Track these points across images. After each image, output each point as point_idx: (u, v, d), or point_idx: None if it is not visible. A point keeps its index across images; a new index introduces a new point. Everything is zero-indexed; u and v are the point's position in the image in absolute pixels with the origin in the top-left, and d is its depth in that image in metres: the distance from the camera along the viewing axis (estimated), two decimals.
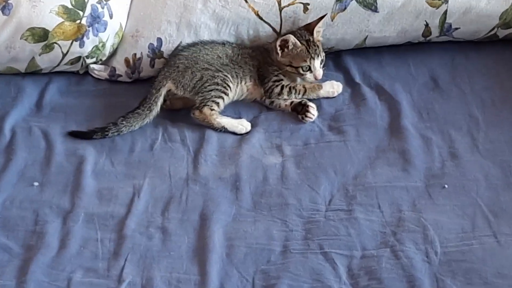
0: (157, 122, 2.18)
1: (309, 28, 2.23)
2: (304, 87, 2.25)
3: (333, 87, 2.27)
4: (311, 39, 2.21)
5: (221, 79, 2.19)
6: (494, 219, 1.88)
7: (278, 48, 2.22)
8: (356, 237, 1.86)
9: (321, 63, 2.22)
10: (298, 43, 2.20)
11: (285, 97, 2.24)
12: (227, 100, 2.22)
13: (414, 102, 2.22)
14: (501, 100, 2.20)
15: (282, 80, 2.24)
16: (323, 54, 2.23)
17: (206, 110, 2.17)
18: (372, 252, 1.82)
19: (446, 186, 1.96)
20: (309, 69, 2.21)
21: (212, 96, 2.18)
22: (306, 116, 2.18)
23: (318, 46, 2.22)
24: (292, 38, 2.19)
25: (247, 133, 2.18)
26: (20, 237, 1.90)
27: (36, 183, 2.03)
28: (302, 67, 2.20)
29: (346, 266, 1.80)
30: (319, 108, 2.23)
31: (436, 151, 2.07)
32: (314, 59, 2.19)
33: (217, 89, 2.19)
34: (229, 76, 2.21)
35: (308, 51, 2.20)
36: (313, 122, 2.18)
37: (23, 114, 2.23)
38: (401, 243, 1.83)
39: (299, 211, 1.94)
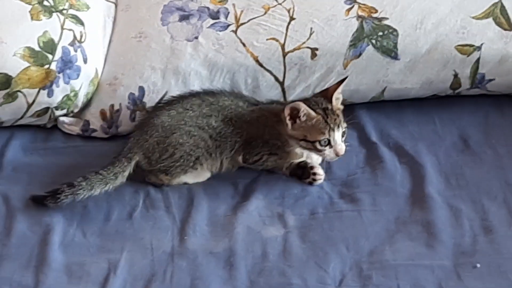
0: (137, 185, 2.18)
1: (327, 94, 2.18)
2: (289, 154, 2.25)
3: (313, 155, 2.24)
4: (329, 107, 2.16)
5: (193, 159, 2.20)
6: None
7: (288, 118, 2.15)
8: None
9: (342, 136, 2.17)
10: (313, 112, 2.14)
11: (266, 166, 2.25)
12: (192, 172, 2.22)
13: (441, 166, 2.22)
14: None
15: (276, 150, 2.23)
16: (344, 125, 2.18)
17: (163, 176, 2.19)
18: None
19: (478, 265, 1.96)
20: (329, 143, 2.16)
21: (176, 169, 2.19)
22: (314, 180, 2.17)
23: (338, 115, 2.16)
24: (303, 107, 2.13)
25: (242, 198, 2.17)
26: None
27: None
28: (320, 141, 2.14)
29: None
30: (328, 172, 2.23)
31: (466, 224, 2.07)
32: (334, 131, 2.14)
33: (183, 165, 2.19)
34: (203, 156, 2.21)
35: (326, 121, 2.14)
36: (322, 187, 2.17)
37: None
38: None
39: None
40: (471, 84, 2.31)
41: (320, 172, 2.19)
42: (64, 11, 2.33)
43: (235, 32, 2.30)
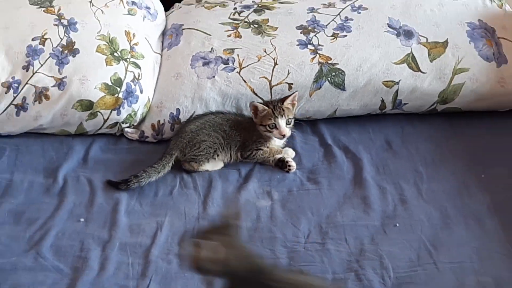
0: (175, 173, 2.17)
1: (282, 100, 2.21)
2: (271, 151, 2.23)
3: (289, 153, 2.23)
4: (279, 105, 2.19)
5: (211, 150, 2.20)
6: (434, 251, 1.88)
7: (252, 112, 2.21)
8: (328, 264, 1.86)
9: (287, 124, 2.19)
10: (264, 107, 2.19)
11: (255, 160, 2.23)
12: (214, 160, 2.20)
13: (373, 160, 2.22)
14: (439, 159, 2.22)
15: (261, 146, 2.23)
16: (291, 116, 2.20)
17: (193, 164, 2.18)
18: (340, 276, 1.82)
19: (397, 224, 1.97)
20: (275, 127, 2.18)
21: (200, 158, 2.18)
22: (289, 170, 2.16)
23: (284, 110, 2.18)
24: (257, 104, 2.20)
25: (243, 181, 2.17)
26: (69, 261, 1.89)
27: (82, 219, 2.02)
28: (268, 125, 2.17)
29: None
30: (300, 164, 2.22)
31: (389, 198, 2.08)
32: (278, 118, 2.17)
33: (206, 155, 2.20)
34: (219, 150, 2.21)
35: (273, 112, 2.17)
36: (295, 174, 2.17)
37: (72, 166, 2.22)
38: (363, 269, 1.84)
39: (284, 243, 1.94)
40: (393, 106, 2.32)
41: (293, 164, 2.19)
42: (128, 59, 2.33)
43: (239, 73, 2.30)
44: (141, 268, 1.86)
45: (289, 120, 2.19)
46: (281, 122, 2.18)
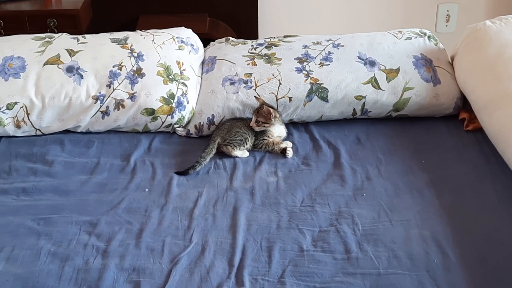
0: (211, 158, 2.17)
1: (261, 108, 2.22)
2: (273, 142, 2.21)
3: (288, 144, 2.23)
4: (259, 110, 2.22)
5: (244, 138, 2.17)
6: (389, 212, 1.89)
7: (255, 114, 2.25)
8: (316, 221, 1.87)
9: (256, 122, 2.21)
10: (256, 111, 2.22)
11: (264, 149, 2.22)
12: (243, 148, 2.19)
13: (347, 150, 2.22)
14: (393, 149, 2.22)
15: (264, 137, 2.21)
16: (261, 119, 2.21)
17: (229, 147, 2.16)
18: (325, 229, 1.83)
19: (364, 194, 1.98)
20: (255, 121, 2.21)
21: (234, 143, 2.16)
22: (286, 155, 2.17)
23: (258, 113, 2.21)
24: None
25: (258, 164, 2.17)
26: (137, 218, 1.90)
27: (146, 190, 2.03)
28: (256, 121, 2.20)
29: (311, 236, 1.80)
30: (297, 152, 2.23)
31: (358, 176, 2.08)
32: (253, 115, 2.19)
33: (238, 142, 2.17)
34: (246, 140, 2.19)
35: (257, 113, 2.22)
36: (293, 159, 2.18)
37: (140, 153, 2.23)
38: (340, 224, 1.84)
39: (286, 206, 1.94)
40: (361, 113, 2.33)
41: (291, 151, 2.19)
42: (178, 80, 2.35)
43: (255, 90, 2.30)
44: (187, 223, 1.87)
45: (258, 120, 2.20)
46: (253, 118, 2.20)
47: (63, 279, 1.65)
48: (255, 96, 2.24)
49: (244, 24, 3.48)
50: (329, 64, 2.39)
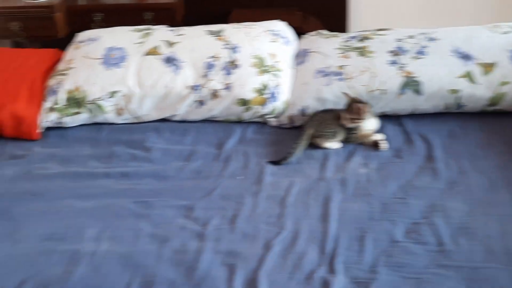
0: (304, 149, 2.18)
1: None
2: (365, 135, 2.21)
3: (380, 136, 2.22)
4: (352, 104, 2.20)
5: (335, 130, 2.18)
6: (485, 206, 1.88)
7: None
8: (408, 212, 1.85)
9: (348, 120, 2.20)
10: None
11: (356, 141, 2.21)
12: (334, 140, 2.19)
13: (440, 144, 2.20)
14: (487, 144, 2.18)
15: (356, 132, 2.20)
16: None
17: (321, 139, 2.17)
18: (417, 221, 1.82)
19: (457, 188, 1.97)
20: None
21: (326, 135, 2.16)
22: (381, 148, 2.17)
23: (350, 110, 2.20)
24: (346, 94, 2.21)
25: (349, 155, 2.16)
26: (231, 204, 1.93)
27: (240, 177, 2.06)
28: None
29: (404, 227, 1.80)
30: (389, 145, 2.21)
31: (452, 169, 2.06)
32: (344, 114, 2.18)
33: (329, 134, 2.18)
34: (336, 132, 2.19)
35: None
36: (387, 151, 2.16)
37: (234, 142, 2.27)
38: (433, 217, 1.84)
39: (377, 198, 1.93)
40: (455, 107, 2.35)
41: (384, 144, 2.18)
42: (271, 72, 2.37)
43: (347, 82, 2.32)
44: (280, 210, 1.89)
45: (350, 118, 2.18)
46: (346, 115, 2.19)
47: (162, 259, 1.71)
48: (342, 92, 2.24)
49: (333, 19, 3.49)
50: (423, 58, 2.36)
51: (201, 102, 2.32)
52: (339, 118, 2.21)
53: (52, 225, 1.86)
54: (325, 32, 2.66)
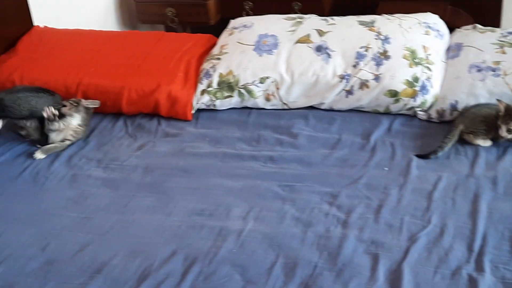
0: (453, 144, 2.14)
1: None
2: None
3: None
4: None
5: (488, 128, 2.11)
6: None
7: None
8: None
9: (508, 131, 2.09)
10: (502, 109, 2.11)
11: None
12: (486, 138, 2.12)
13: None
14: None
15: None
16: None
17: (471, 136, 2.11)
18: None
19: None
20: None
21: (477, 132, 2.09)
22: None
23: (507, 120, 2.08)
24: (500, 103, 2.11)
25: (502, 153, 2.08)
26: (376, 194, 1.92)
27: (386, 168, 2.05)
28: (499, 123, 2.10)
29: None
30: None
31: None
32: (502, 124, 2.09)
33: (484, 130, 2.10)
34: (491, 126, 2.10)
35: (502, 117, 2.10)
36: None
37: (380, 133, 2.26)
38: None
39: None
40: None
41: None
42: (423, 65, 2.34)
43: (503, 78, 2.24)
44: (426, 204, 1.86)
45: (509, 129, 2.06)
46: (503, 127, 2.07)
47: (306, 243, 1.74)
48: (497, 100, 2.14)
49: (486, 14, 3.36)
50: None
51: (349, 92, 2.33)
52: (493, 116, 2.13)
53: (201, 201, 1.94)
54: (480, 26, 2.57)
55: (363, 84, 2.30)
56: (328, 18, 2.56)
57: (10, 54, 2.68)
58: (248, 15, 3.09)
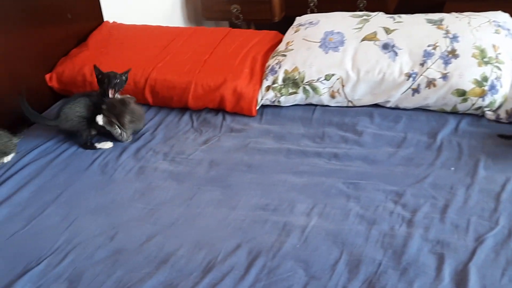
0: None
1: None
2: None
3: None
4: None
5: None
6: None
7: None
8: None
9: None
10: None
11: None
12: None
13: None
14: None
15: None
16: None
17: None
18: None
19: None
20: None
21: None
22: None
23: None
24: None
25: None
26: (443, 194, 1.90)
27: (452, 168, 2.03)
28: None
29: None
30: None
31: None
32: None
33: None
34: None
35: None
36: None
37: (447, 132, 2.24)
38: None
39: None
40: None
41: None
42: (493, 64, 2.30)
43: None
44: (493, 205, 1.84)
45: None
46: None
47: (370, 240, 1.73)
48: None
49: None
50: None
51: (416, 90, 2.30)
52: None
53: (265, 196, 1.95)
54: None
55: (430, 83, 2.27)
56: (395, 16, 2.53)
57: (81, 48, 2.76)
58: (312, 12, 3.08)
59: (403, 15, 2.55)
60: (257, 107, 2.43)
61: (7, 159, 2.23)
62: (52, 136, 2.40)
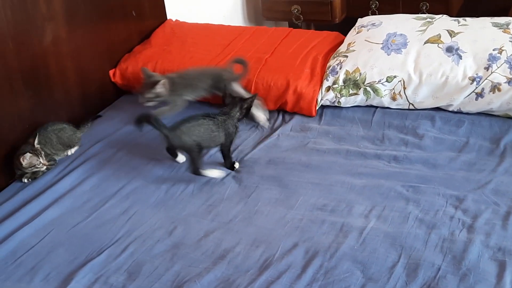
0: None
1: None
2: None
3: None
4: None
5: None
6: None
7: None
8: None
9: None
10: None
11: None
12: None
13: None
14: None
15: None
16: None
17: None
18: None
19: None
20: None
21: None
22: None
23: None
24: None
25: None
26: (505, 200, 1.87)
27: None
28: None
29: None
30: None
31: None
32: None
33: None
34: None
35: None
36: None
37: (510, 139, 2.19)
38: None
39: None
40: None
41: None
42: None
43: None
44: None
45: None
46: None
47: (429, 244, 1.72)
48: None
49: None
50: None
51: (479, 94, 2.26)
52: None
53: (323, 197, 1.96)
54: None
55: (495, 87, 2.23)
56: (459, 18, 2.50)
57: (144, 45, 2.81)
58: (373, 14, 3.06)
59: (468, 18, 2.51)
60: (317, 108, 2.43)
61: (71, 152, 2.29)
62: (115, 130, 2.45)
